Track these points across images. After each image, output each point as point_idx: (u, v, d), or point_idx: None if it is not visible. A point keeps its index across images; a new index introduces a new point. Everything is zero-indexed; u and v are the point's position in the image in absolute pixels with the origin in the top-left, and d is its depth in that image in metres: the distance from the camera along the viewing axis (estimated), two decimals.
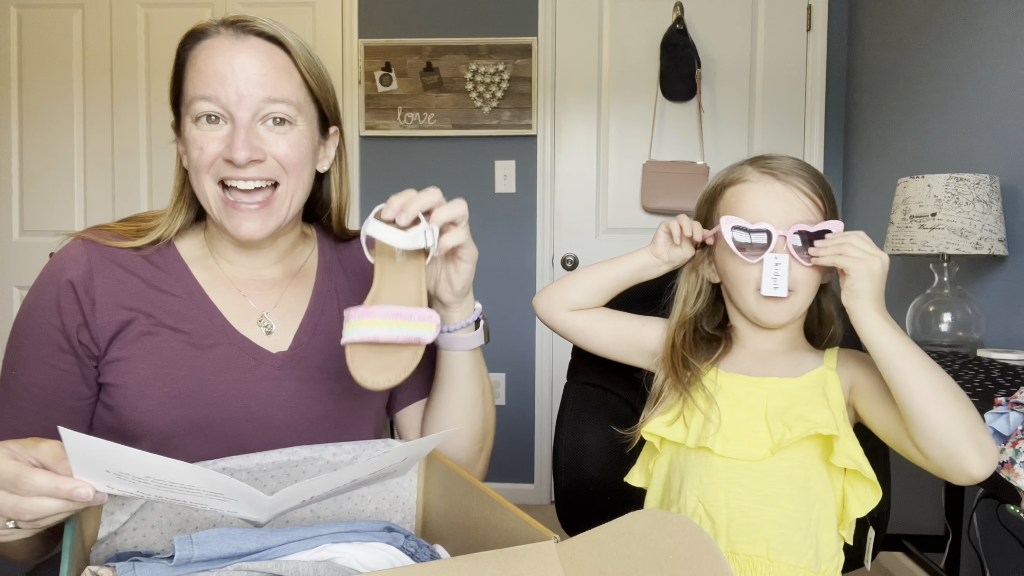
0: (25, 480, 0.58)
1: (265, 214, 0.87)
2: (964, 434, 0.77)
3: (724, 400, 0.92)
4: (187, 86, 0.86)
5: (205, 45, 0.86)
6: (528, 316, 2.96)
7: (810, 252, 0.87)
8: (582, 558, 0.59)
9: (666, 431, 0.93)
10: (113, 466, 0.57)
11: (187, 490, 0.60)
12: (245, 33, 0.86)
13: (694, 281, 1.00)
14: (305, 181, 0.91)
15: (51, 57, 3.00)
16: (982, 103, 1.99)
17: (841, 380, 0.92)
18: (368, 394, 0.96)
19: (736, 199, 0.92)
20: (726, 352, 0.97)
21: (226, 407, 0.87)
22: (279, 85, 0.85)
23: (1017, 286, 1.82)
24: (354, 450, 0.83)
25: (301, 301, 0.97)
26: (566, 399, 1.22)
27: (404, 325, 0.77)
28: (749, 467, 0.88)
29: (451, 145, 2.95)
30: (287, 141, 0.87)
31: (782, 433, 0.87)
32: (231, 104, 0.83)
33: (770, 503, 0.87)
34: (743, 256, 0.89)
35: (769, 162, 0.92)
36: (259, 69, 0.85)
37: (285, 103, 0.86)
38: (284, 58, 0.87)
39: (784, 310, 0.90)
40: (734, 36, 2.84)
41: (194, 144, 0.85)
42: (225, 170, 0.85)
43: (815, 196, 0.90)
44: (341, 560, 0.67)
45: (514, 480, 3.00)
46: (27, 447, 0.63)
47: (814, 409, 0.88)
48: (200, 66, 0.85)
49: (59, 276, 0.87)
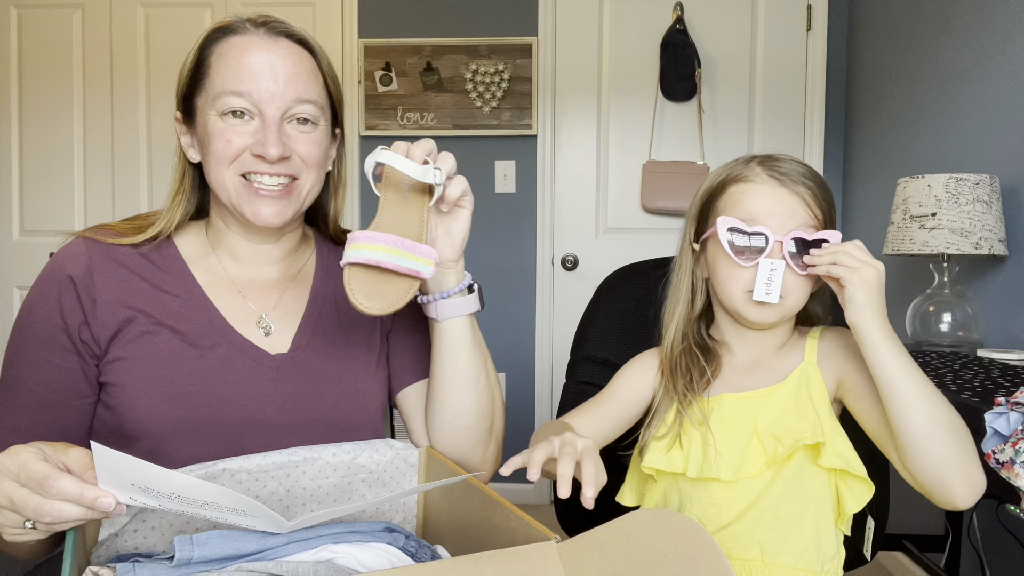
0: (52, 483, 0.58)
1: (285, 202, 0.90)
2: (956, 468, 0.75)
3: (718, 424, 0.91)
4: (214, 79, 0.87)
5: (236, 42, 0.87)
6: (528, 316, 2.96)
7: (805, 260, 0.86)
8: (583, 558, 0.59)
9: (664, 462, 0.92)
10: (139, 481, 0.57)
11: (210, 506, 0.60)
12: (277, 34, 0.89)
13: (688, 281, 0.99)
14: (321, 178, 0.94)
15: (51, 57, 3.00)
16: (982, 103, 1.99)
17: (824, 374, 0.91)
18: (367, 396, 0.96)
19: (740, 196, 0.91)
20: (717, 373, 0.95)
21: (225, 408, 0.87)
22: (308, 87, 0.89)
23: (1017, 286, 1.82)
24: (353, 450, 0.83)
25: (299, 303, 0.97)
26: (565, 399, 1.22)
27: (406, 256, 0.78)
28: (748, 483, 0.88)
29: (451, 145, 2.94)
30: (310, 140, 0.90)
31: (774, 448, 0.87)
32: (263, 101, 0.86)
33: (764, 510, 0.87)
34: (737, 259, 0.89)
35: (777, 165, 0.90)
36: (291, 70, 0.88)
37: (312, 104, 0.89)
38: (311, 61, 0.91)
39: (772, 313, 0.90)
40: (734, 36, 2.84)
41: (219, 136, 0.87)
42: (252, 164, 0.87)
43: (817, 207, 0.89)
44: (341, 560, 0.67)
45: (514, 480, 3.00)
46: (57, 450, 0.64)
47: (800, 416, 0.88)
48: (232, 62, 0.86)
49: (60, 274, 0.87)
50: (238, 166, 0.87)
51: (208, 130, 0.87)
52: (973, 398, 1.22)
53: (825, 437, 0.85)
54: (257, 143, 0.86)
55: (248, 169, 0.87)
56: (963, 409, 1.21)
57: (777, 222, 0.88)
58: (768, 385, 0.92)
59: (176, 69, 0.93)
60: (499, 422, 0.98)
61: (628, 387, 0.99)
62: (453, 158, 0.85)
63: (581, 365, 1.21)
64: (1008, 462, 0.88)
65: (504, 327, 2.94)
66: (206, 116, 0.88)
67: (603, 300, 1.23)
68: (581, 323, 1.25)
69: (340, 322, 0.98)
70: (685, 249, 0.99)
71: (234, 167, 0.87)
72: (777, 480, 0.87)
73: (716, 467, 0.88)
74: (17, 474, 0.60)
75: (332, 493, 0.80)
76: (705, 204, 0.96)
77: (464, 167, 3.37)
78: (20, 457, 0.61)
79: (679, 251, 1.01)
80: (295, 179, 0.90)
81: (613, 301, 1.21)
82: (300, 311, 0.97)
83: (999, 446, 0.90)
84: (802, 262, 0.87)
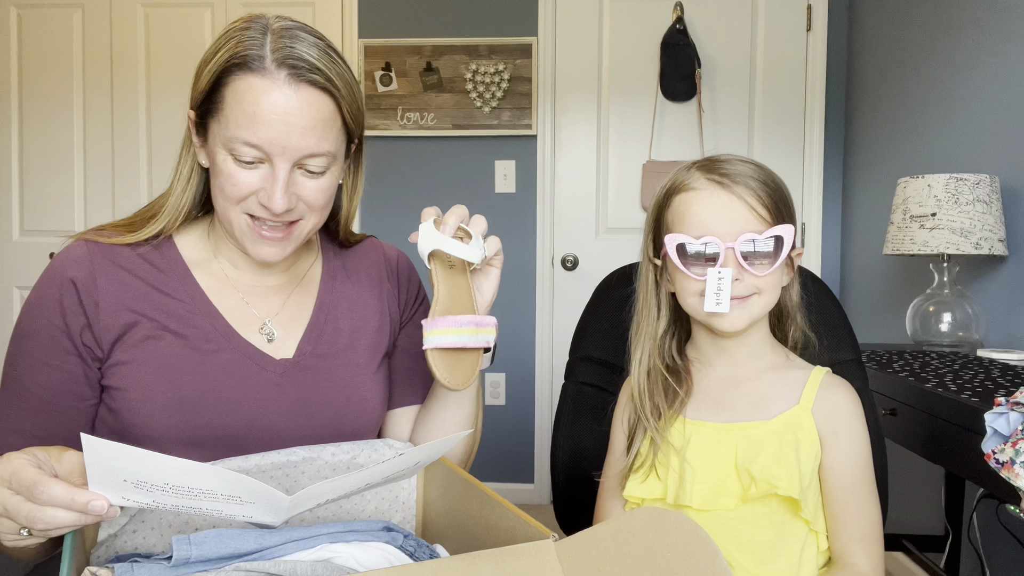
0: (43, 489, 0.58)
1: (285, 243, 0.89)
2: None
3: (694, 453, 0.89)
4: (227, 118, 0.82)
5: (255, 84, 0.81)
6: (528, 316, 2.96)
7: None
8: (580, 556, 0.59)
9: (643, 490, 0.91)
10: (131, 474, 0.57)
11: (205, 495, 0.59)
12: (299, 81, 0.82)
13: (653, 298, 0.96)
14: (325, 215, 0.92)
15: (51, 57, 3.00)
16: (982, 103, 1.99)
17: (818, 424, 0.88)
18: (371, 403, 0.97)
19: (683, 208, 0.89)
20: (689, 394, 0.93)
21: (229, 413, 0.87)
22: (323, 139, 0.84)
23: (1017, 286, 1.82)
24: (352, 450, 0.83)
25: (304, 309, 0.97)
26: (564, 399, 1.22)
27: (480, 332, 0.85)
28: (724, 515, 0.87)
29: (451, 145, 2.95)
30: (318, 186, 0.87)
31: (749, 486, 0.85)
32: (274, 153, 0.82)
33: (743, 542, 0.86)
34: (690, 273, 0.87)
35: (719, 167, 0.88)
36: (307, 123, 0.82)
37: (325, 156, 0.85)
38: (331, 108, 0.85)
39: (743, 316, 0.87)
40: (734, 36, 2.84)
41: (227, 178, 0.84)
42: (257, 210, 0.85)
43: (763, 205, 0.86)
44: (339, 560, 0.67)
45: (514, 480, 3.00)
46: (52, 455, 0.63)
47: (781, 462, 0.85)
48: (248, 108, 0.81)
49: (62, 276, 0.86)
50: (243, 207, 0.86)
51: (217, 165, 0.85)
52: (973, 398, 1.22)
53: (805, 496, 0.84)
54: (263, 192, 0.84)
55: (253, 212, 0.86)
56: (963, 409, 1.21)
57: (725, 228, 0.85)
58: (753, 419, 0.89)
59: (177, 69, 0.92)
60: (471, 462, 1.05)
61: (619, 432, 0.98)
62: (485, 221, 0.89)
63: (580, 365, 1.21)
64: (1008, 462, 0.87)
65: (504, 327, 2.94)
66: (216, 147, 0.85)
67: (602, 300, 1.23)
68: (580, 323, 1.25)
69: (346, 329, 0.98)
70: (645, 265, 0.97)
71: (240, 207, 0.86)
72: (755, 514, 0.86)
73: (690, 495, 0.87)
74: (9, 481, 0.60)
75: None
76: (656, 219, 0.94)
77: (464, 167, 3.36)
78: (12, 464, 0.61)
79: (640, 267, 0.98)
80: (298, 220, 0.89)
81: (612, 301, 1.21)
82: (305, 317, 0.96)
83: (999, 446, 0.89)
84: (761, 263, 0.85)
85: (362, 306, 1.00)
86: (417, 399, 1.03)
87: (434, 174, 2.94)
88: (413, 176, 2.95)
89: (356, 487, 0.70)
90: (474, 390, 0.97)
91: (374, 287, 1.03)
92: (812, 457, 0.86)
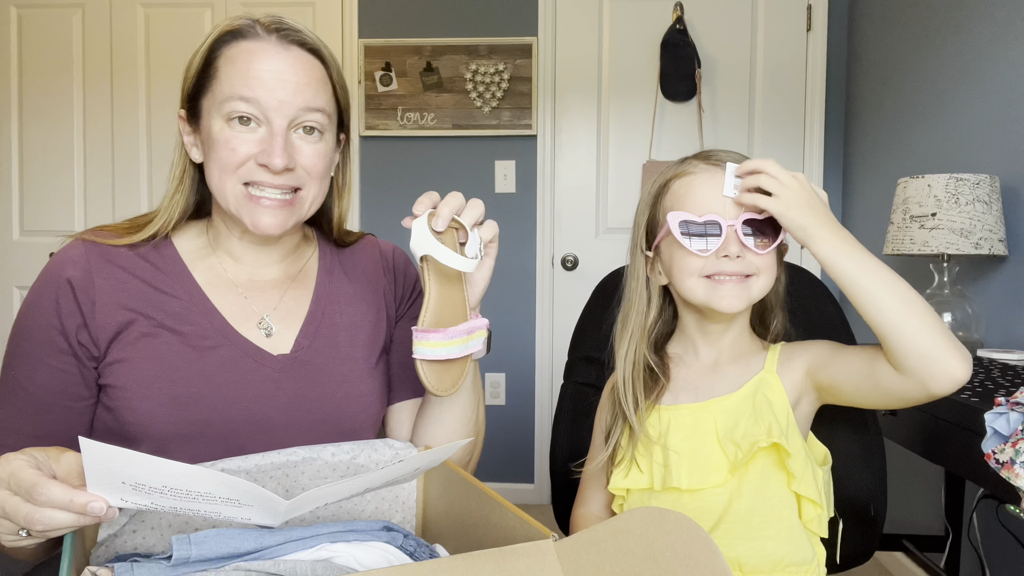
0: (41, 490, 0.58)
1: (287, 212, 0.89)
2: (942, 338, 0.76)
3: (676, 434, 0.92)
4: (222, 83, 0.86)
5: (246, 47, 0.86)
6: (528, 316, 2.96)
7: (732, 198, 0.87)
8: (580, 556, 0.59)
9: (629, 482, 0.93)
10: (129, 477, 0.56)
11: (203, 498, 0.59)
12: (289, 42, 0.87)
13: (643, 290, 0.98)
14: (325, 188, 0.93)
15: (51, 57, 3.00)
16: (982, 103, 1.99)
17: (784, 381, 0.91)
18: (369, 398, 0.97)
19: (684, 191, 0.92)
20: (665, 387, 0.96)
21: (226, 409, 0.87)
22: (317, 95, 0.88)
23: (1017, 286, 1.82)
24: (352, 450, 0.83)
25: (301, 304, 0.97)
26: (562, 399, 1.22)
27: (469, 339, 0.84)
28: (715, 492, 0.88)
29: (451, 145, 2.95)
30: (315, 151, 0.89)
31: (735, 453, 0.87)
32: (270, 109, 0.85)
33: (735, 521, 0.87)
34: (694, 250, 0.89)
35: (714, 154, 0.92)
36: (301, 78, 0.86)
37: (320, 112, 0.88)
38: (321, 70, 0.90)
39: (742, 297, 0.89)
40: (734, 36, 2.84)
41: (224, 144, 0.86)
42: (256, 174, 0.86)
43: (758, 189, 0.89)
44: (339, 559, 0.67)
45: (514, 480, 3.00)
46: (50, 456, 0.63)
47: (757, 420, 0.88)
48: (242, 67, 0.85)
49: (58, 276, 0.86)
50: (241, 174, 0.86)
51: (213, 136, 0.86)
52: (973, 398, 1.22)
53: (782, 437, 0.86)
54: (262, 152, 0.85)
55: (251, 178, 0.86)
56: (963, 409, 1.21)
57: (725, 207, 0.88)
58: (726, 393, 0.93)
59: (177, 69, 0.92)
60: (477, 454, 1.03)
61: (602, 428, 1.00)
62: (481, 206, 0.86)
63: (579, 366, 1.21)
64: (1008, 462, 0.87)
65: (504, 327, 2.94)
66: (211, 120, 0.87)
67: (601, 301, 1.23)
68: (579, 324, 1.25)
69: (343, 324, 0.98)
70: (637, 258, 0.99)
71: (237, 175, 0.86)
72: (744, 490, 0.88)
73: (676, 477, 0.89)
74: (8, 482, 0.60)
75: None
76: (652, 209, 0.96)
77: (464, 167, 3.35)
78: (11, 465, 0.61)
79: (630, 263, 1.00)
80: (299, 190, 0.89)
81: (612, 302, 1.20)
82: (302, 312, 0.97)
83: (999, 446, 0.89)
84: (760, 243, 0.88)
85: (359, 301, 1.00)
86: (417, 392, 1.03)
87: (434, 174, 2.94)
88: (413, 176, 2.95)
89: (354, 492, 0.70)
90: (469, 385, 0.96)
91: (371, 282, 1.03)
92: (784, 409, 0.89)
